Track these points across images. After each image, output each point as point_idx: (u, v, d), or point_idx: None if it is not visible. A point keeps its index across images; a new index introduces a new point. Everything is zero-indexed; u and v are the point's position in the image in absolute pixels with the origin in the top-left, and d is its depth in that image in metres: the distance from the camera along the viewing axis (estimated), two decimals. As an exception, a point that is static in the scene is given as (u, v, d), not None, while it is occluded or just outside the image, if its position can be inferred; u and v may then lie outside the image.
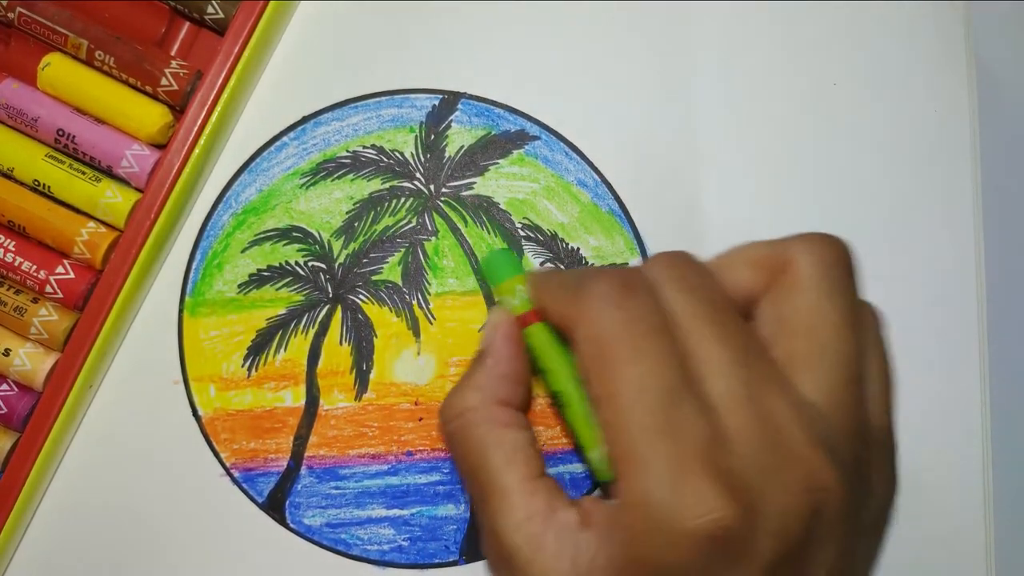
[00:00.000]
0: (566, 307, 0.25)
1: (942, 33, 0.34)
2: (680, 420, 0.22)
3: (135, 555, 0.30)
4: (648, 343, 0.23)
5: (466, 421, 0.26)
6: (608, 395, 0.23)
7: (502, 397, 0.27)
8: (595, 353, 0.24)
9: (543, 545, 0.24)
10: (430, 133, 0.33)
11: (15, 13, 0.31)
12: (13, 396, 0.30)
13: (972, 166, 0.33)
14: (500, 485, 0.25)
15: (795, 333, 0.25)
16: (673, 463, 0.22)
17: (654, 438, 0.22)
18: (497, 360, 0.27)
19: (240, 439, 0.31)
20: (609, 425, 0.23)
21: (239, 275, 0.32)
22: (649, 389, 0.23)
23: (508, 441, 0.26)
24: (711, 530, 0.22)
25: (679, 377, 0.23)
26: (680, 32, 0.33)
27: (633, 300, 0.24)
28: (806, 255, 0.25)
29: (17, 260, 0.30)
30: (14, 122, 0.31)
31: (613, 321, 0.24)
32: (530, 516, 0.25)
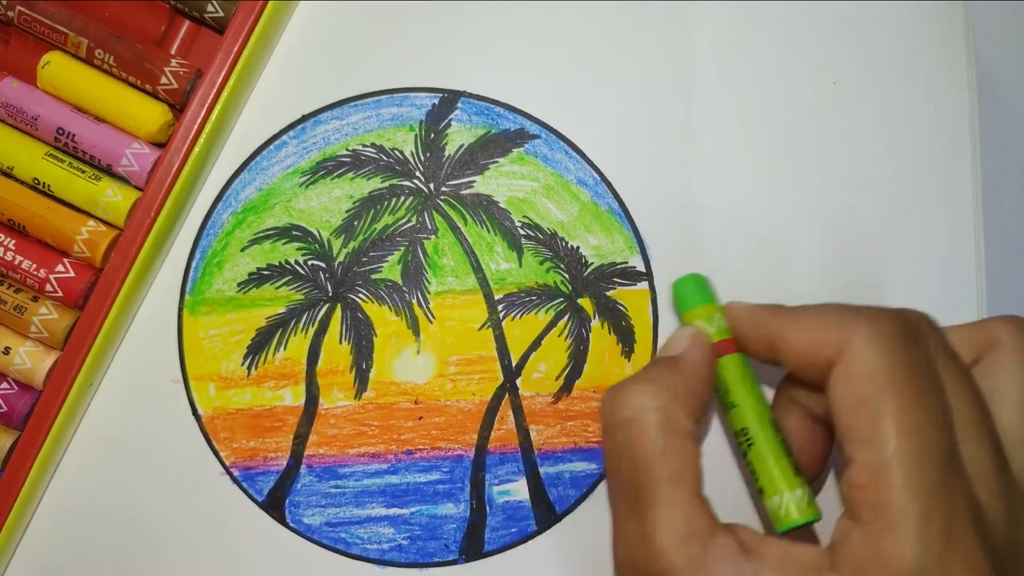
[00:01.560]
0: (829, 337, 0.24)
1: (942, 33, 0.34)
2: (953, 483, 0.22)
3: (134, 553, 0.31)
4: (929, 396, 0.23)
5: (644, 417, 0.25)
6: (879, 438, 0.23)
7: (689, 406, 0.26)
8: (870, 391, 0.23)
9: (704, 567, 0.24)
10: (430, 132, 0.33)
11: (15, 12, 0.31)
12: (13, 395, 0.30)
13: (972, 165, 0.33)
14: (666, 497, 0.25)
15: (1005, 407, 0.25)
16: (946, 526, 0.22)
17: (929, 496, 0.22)
18: (693, 371, 0.27)
19: (240, 438, 0.31)
20: (872, 469, 0.23)
21: (239, 274, 0.32)
22: (929, 444, 0.22)
23: (683, 453, 0.25)
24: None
25: (952, 440, 0.23)
26: (680, 31, 0.33)
27: (916, 347, 0.24)
28: (1012, 332, 0.26)
29: (17, 259, 0.30)
30: (14, 121, 0.31)
31: (897, 363, 0.23)
32: (692, 535, 0.24)
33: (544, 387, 0.32)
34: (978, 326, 0.26)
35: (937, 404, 0.23)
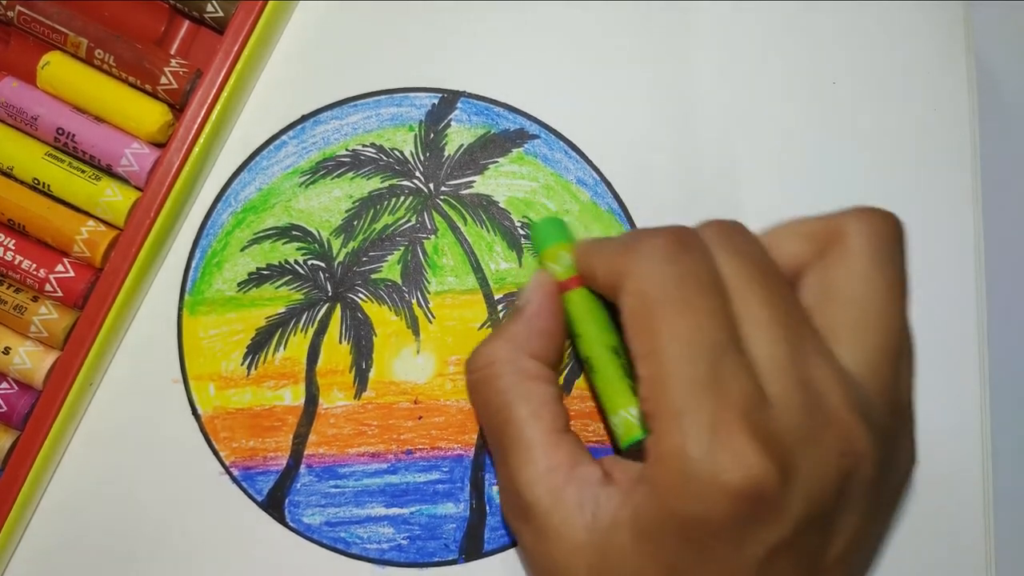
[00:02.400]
0: (616, 262, 0.25)
1: (942, 33, 0.34)
2: (724, 377, 0.23)
3: (134, 553, 0.31)
4: (699, 299, 0.24)
5: (495, 371, 0.27)
6: (653, 349, 0.24)
7: (534, 351, 0.27)
8: (643, 306, 0.24)
9: (564, 497, 0.25)
10: (429, 132, 0.33)
11: (15, 12, 0.31)
12: (13, 394, 0.30)
13: (972, 166, 0.33)
14: (524, 437, 0.26)
15: (841, 302, 0.25)
16: (714, 418, 0.23)
17: (697, 392, 0.23)
18: (534, 314, 0.28)
19: (239, 438, 0.32)
20: (650, 379, 0.24)
21: (238, 274, 0.32)
22: (696, 343, 0.23)
23: (536, 394, 0.26)
24: (746, 488, 0.22)
25: (726, 335, 0.24)
26: (680, 31, 0.34)
27: (687, 256, 0.24)
28: (859, 226, 0.26)
29: (17, 259, 0.31)
30: (14, 121, 0.31)
31: (665, 275, 0.24)
32: (552, 468, 0.25)
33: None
34: (826, 219, 0.26)
35: (708, 305, 0.24)
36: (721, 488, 0.22)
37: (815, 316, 0.25)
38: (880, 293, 0.25)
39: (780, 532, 0.23)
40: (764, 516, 0.23)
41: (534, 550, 0.26)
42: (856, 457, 0.24)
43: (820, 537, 0.24)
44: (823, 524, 0.24)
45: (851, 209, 0.27)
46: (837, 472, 0.23)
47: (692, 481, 0.22)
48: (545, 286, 0.28)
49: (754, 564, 0.23)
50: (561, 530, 0.25)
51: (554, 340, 0.28)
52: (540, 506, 0.25)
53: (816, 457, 0.23)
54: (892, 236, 0.26)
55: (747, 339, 0.24)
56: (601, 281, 0.27)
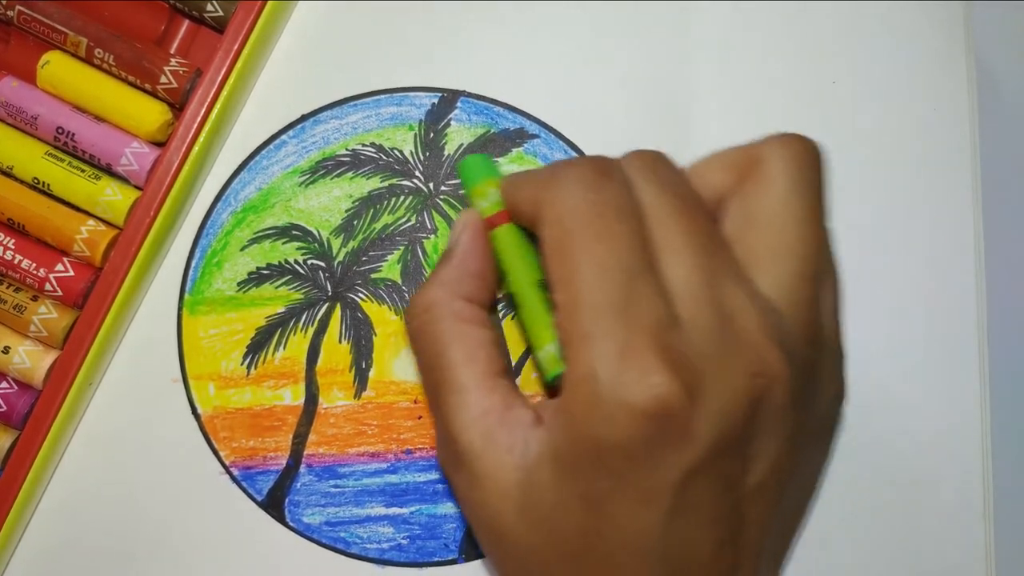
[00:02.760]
0: (537, 192, 0.25)
1: (942, 32, 0.34)
2: (634, 300, 0.23)
3: (134, 553, 0.31)
4: (615, 226, 0.24)
5: (429, 316, 0.27)
6: (568, 275, 0.24)
7: (467, 293, 0.27)
8: (560, 233, 0.24)
9: (496, 439, 0.25)
10: (429, 131, 0.33)
11: (14, 11, 0.31)
12: (13, 394, 0.31)
13: (972, 165, 0.33)
14: (458, 381, 0.26)
15: (759, 227, 0.25)
16: (621, 339, 0.23)
17: (606, 315, 0.23)
18: (463, 257, 0.28)
19: (239, 437, 0.32)
20: (564, 306, 0.24)
21: (238, 273, 0.32)
22: (609, 268, 0.23)
23: (471, 338, 0.26)
24: (652, 406, 0.22)
25: (640, 260, 0.24)
26: (679, 31, 0.34)
27: (606, 184, 0.25)
28: (777, 152, 0.26)
29: (17, 258, 0.31)
30: (14, 120, 0.31)
31: (582, 202, 0.24)
32: (485, 412, 0.25)
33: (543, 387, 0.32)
34: (746, 147, 0.26)
35: (624, 230, 0.24)
36: (628, 408, 0.22)
37: (736, 245, 0.25)
38: (798, 218, 0.25)
39: (693, 454, 0.23)
40: (674, 437, 0.22)
41: (467, 497, 0.26)
42: (768, 379, 0.23)
43: (736, 462, 0.24)
44: (738, 448, 0.23)
45: (770, 136, 0.26)
46: (747, 393, 0.23)
47: (601, 404, 0.22)
48: (473, 225, 0.28)
49: (669, 489, 0.23)
50: (492, 473, 0.25)
51: (486, 281, 0.28)
52: (472, 450, 0.25)
53: (726, 378, 0.23)
54: (810, 161, 0.26)
55: (663, 265, 0.24)
56: (523, 213, 0.26)
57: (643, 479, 0.23)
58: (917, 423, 0.32)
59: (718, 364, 0.23)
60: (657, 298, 0.23)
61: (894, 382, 0.33)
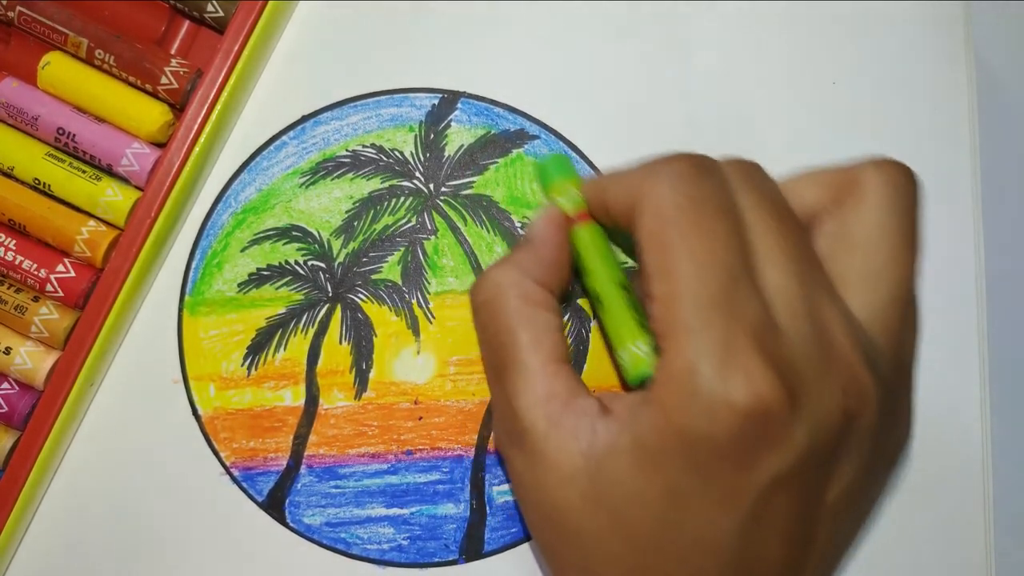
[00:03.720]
0: (634, 186, 0.26)
1: (942, 32, 0.35)
2: (738, 299, 0.23)
3: (135, 554, 0.32)
4: (716, 223, 0.24)
5: (500, 293, 0.27)
6: (668, 267, 0.24)
7: (540, 278, 0.28)
8: (661, 224, 0.24)
9: (561, 423, 0.25)
10: (429, 132, 0.34)
11: (15, 12, 0.32)
12: (14, 395, 0.31)
13: (972, 165, 0.34)
14: (524, 362, 0.26)
15: (854, 248, 0.26)
16: (726, 336, 0.23)
17: (710, 310, 0.23)
18: (542, 243, 0.28)
19: (240, 438, 0.32)
20: (664, 297, 0.24)
21: (239, 274, 0.33)
22: (711, 264, 0.23)
23: (540, 321, 0.27)
24: (754, 407, 0.22)
25: (741, 260, 0.24)
26: (680, 31, 0.34)
27: (707, 181, 0.25)
28: (876, 176, 0.26)
29: (18, 259, 0.31)
30: (14, 121, 0.32)
31: (685, 196, 0.24)
32: (551, 396, 0.25)
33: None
34: (844, 168, 0.27)
35: (725, 229, 0.24)
36: (729, 405, 0.22)
37: (828, 263, 0.26)
38: (893, 243, 0.26)
39: (783, 460, 0.23)
40: (770, 439, 0.23)
41: (526, 477, 0.26)
42: (860, 399, 0.24)
43: (821, 476, 0.24)
44: (825, 462, 0.24)
45: (869, 159, 0.27)
46: (842, 410, 0.23)
47: (701, 398, 0.23)
48: (553, 218, 0.29)
49: (755, 492, 0.23)
50: (556, 457, 0.25)
51: (560, 271, 0.28)
52: (536, 432, 0.25)
53: (824, 390, 0.23)
54: (908, 188, 0.27)
55: (760, 270, 0.24)
56: (616, 208, 0.27)
57: (731, 479, 0.23)
58: (917, 424, 0.33)
59: (816, 374, 0.23)
60: (757, 299, 0.24)
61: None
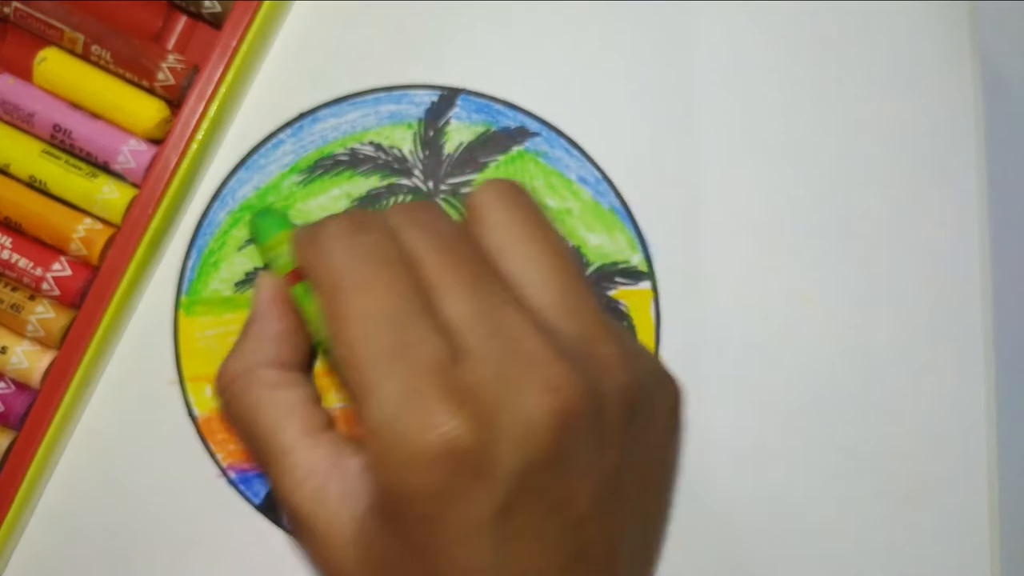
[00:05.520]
0: (303, 255, 0.27)
1: (947, 31, 0.35)
2: (409, 343, 0.24)
3: (131, 555, 0.32)
4: (377, 274, 0.25)
5: (236, 389, 0.28)
6: (338, 332, 0.25)
7: (270, 359, 0.28)
8: (327, 291, 0.26)
9: (326, 497, 0.26)
10: (429, 129, 0.35)
11: (10, 7, 0.33)
12: (10, 394, 0.32)
13: (977, 164, 0.34)
14: (278, 445, 0.27)
15: (503, 257, 0.27)
16: (400, 384, 0.24)
17: (385, 363, 0.24)
18: (261, 323, 0.29)
19: (236, 440, 0.33)
20: (343, 363, 0.25)
21: (235, 273, 0.34)
22: (377, 317, 0.24)
23: (281, 401, 0.27)
24: (442, 445, 0.23)
25: (410, 304, 0.25)
26: (682, 29, 0.35)
27: (364, 236, 0.26)
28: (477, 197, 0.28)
29: (13, 257, 0.32)
30: (10, 117, 0.32)
31: (343, 257, 0.26)
32: (312, 471, 0.26)
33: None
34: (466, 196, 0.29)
35: (388, 277, 0.25)
36: (418, 452, 0.23)
37: None
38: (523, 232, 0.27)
39: (500, 486, 0.23)
40: (474, 470, 0.23)
41: (315, 560, 0.27)
42: (562, 392, 0.24)
43: (555, 482, 0.24)
44: (553, 468, 0.24)
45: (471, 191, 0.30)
46: (546, 411, 0.24)
47: (393, 451, 0.23)
48: (267, 287, 0.30)
49: (486, 525, 0.23)
50: (328, 530, 0.25)
51: (292, 340, 0.29)
52: (303, 510, 0.26)
53: (520, 401, 0.24)
54: (509, 186, 0.29)
55: (439, 304, 0.25)
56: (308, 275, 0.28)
57: (457, 519, 0.23)
58: (921, 424, 0.33)
59: (509, 389, 0.24)
60: (435, 337, 0.24)
61: (897, 382, 0.34)
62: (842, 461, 0.33)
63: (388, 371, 0.24)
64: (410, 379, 0.24)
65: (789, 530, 0.33)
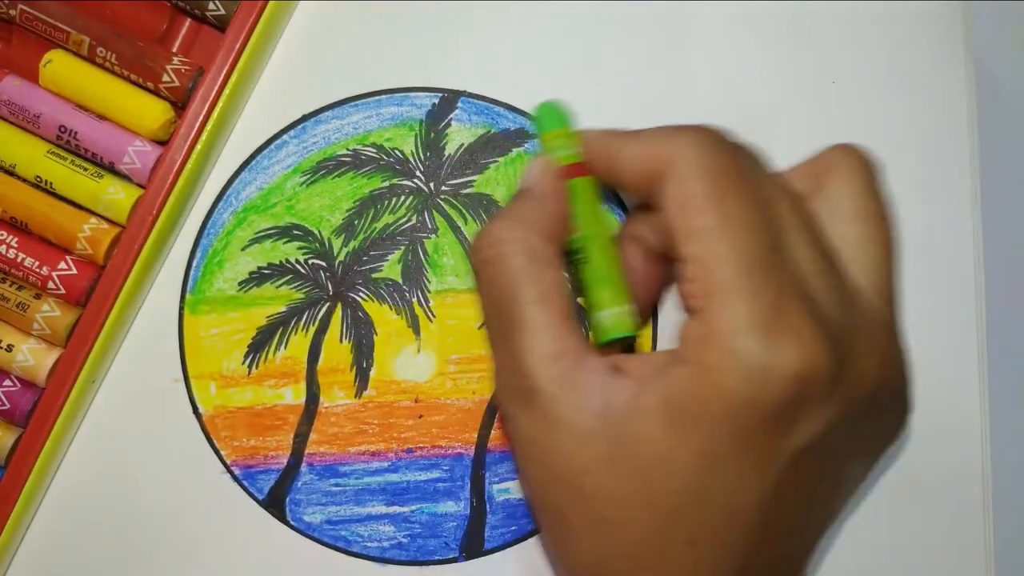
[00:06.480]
0: (658, 148, 0.27)
1: (941, 32, 0.36)
2: (780, 263, 0.24)
3: (136, 552, 0.33)
4: (752, 191, 0.25)
5: (505, 250, 0.27)
6: (708, 228, 0.24)
7: (545, 232, 0.28)
8: (697, 187, 0.25)
9: (574, 382, 0.25)
10: (430, 131, 0.35)
11: (17, 10, 0.33)
12: (16, 392, 0.32)
13: (971, 165, 0.35)
14: (532, 319, 0.26)
15: (845, 220, 0.27)
16: (772, 298, 0.23)
17: (757, 272, 0.24)
18: (544, 195, 0.29)
19: (240, 436, 0.34)
20: (703, 258, 0.24)
21: (239, 273, 0.34)
22: (755, 228, 0.24)
23: (547, 278, 0.27)
24: (805, 371, 0.23)
25: (775, 228, 0.25)
26: (680, 31, 0.36)
27: (736, 153, 0.26)
28: (846, 157, 0.29)
29: (20, 256, 0.32)
30: (16, 119, 0.33)
31: (721, 161, 0.25)
32: (561, 354, 0.26)
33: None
34: (814, 158, 0.29)
35: (760, 198, 0.25)
36: (780, 370, 0.23)
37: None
38: (877, 211, 0.28)
39: (818, 425, 0.24)
40: (812, 405, 0.23)
41: (535, 438, 0.26)
42: (890, 365, 0.25)
43: (844, 443, 0.25)
44: (851, 430, 0.24)
45: (832, 147, 0.29)
46: (875, 376, 0.24)
47: (748, 359, 0.23)
48: (548, 169, 0.29)
49: (786, 457, 0.24)
50: (569, 417, 0.25)
51: (563, 224, 0.29)
52: (547, 391, 0.25)
53: (859, 357, 0.24)
54: (871, 162, 0.29)
55: (788, 242, 0.25)
56: (633, 169, 0.27)
57: (768, 442, 0.23)
58: (917, 422, 0.34)
59: (852, 341, 0.24)
60: (795, 271, 0.25)
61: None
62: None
63: (759, 280, 0.24)
64: (779, 296, 0.23)
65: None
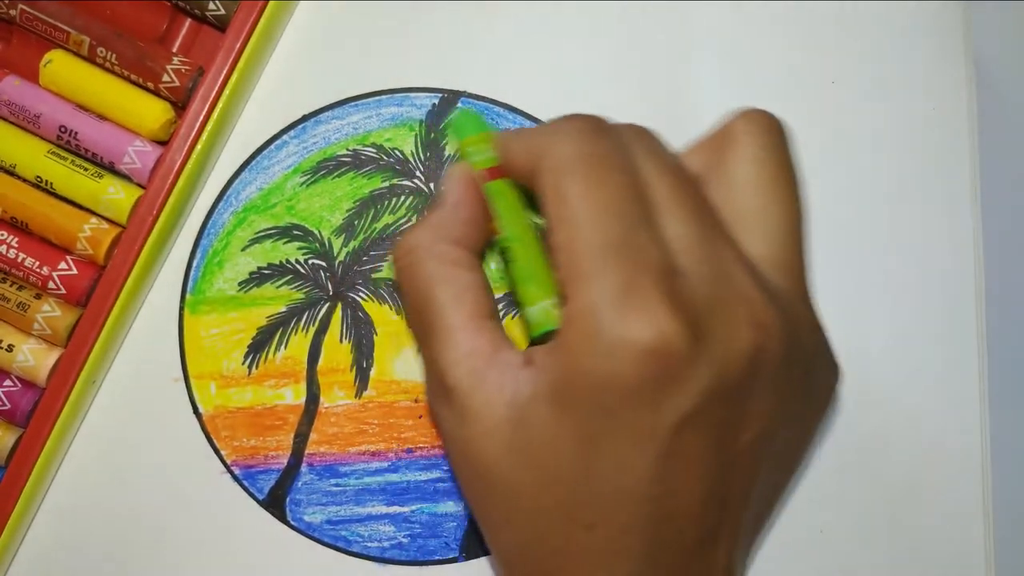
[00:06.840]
0: (535, 143, 0.28)
1: (941, 32, 0.36)
2: (637, 243, 0.25)
3: (136, 552, 0.33)
4: (613, 175, 0.26)
5: (416, 257, 0.28)
6: (566, 216, 0.26)
7: (455, 237, 0.29)
8: (558, 178, 0.26)
9: (485, 379, 0.26)
10: (430, 131, 0.35)
11: (17, 10, 0.33)
12: (16, 392, 0.32)
13: (971, 165, 0.35)
14: (445, 321, 0.27)
15: (741, 190, 0.28)
16: (625, 278, 0.24)
17: (609, 253, 0.25)
18: (454, 202, 0.29)
19: (240, 436, 0.34)
20: (565, 243, 0.25)
21: (240, 273, 0.34)
22: (609, 211, 0.25)
23: (458, 279, 0.28)
24: (656, 345, 0.24)
25: (639, 210, 0.26)
26: (680, 31, 0.36)
27: (604, 139, 0.27)
28: (744, 124, 0.29)
29: (20, 256, 0.33)
30: (16, 119, 0.33)
31: (582, 151, 0.26)
32: (473, 352, 0.27)
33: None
34: (717, 129, 0.29)
35: (622, 181, 0.26)
36: (631, 345, 0.24)
37: (721, 210, 0.28)
38: (775, 177, 0.28)
39: (691, 398, 0.24)
40: (674, 379, 0.24)
41: (454, 434, 0.27)
42: (764, 329, 0.25)
43: (732, 415, 0.25)
44: (735, 400, 0.25)
45: (736, 114, 0.29)
46: (749, 343, 0.25)
47: (603, 338, 0.24)
48: (464, 176, 0.30)
49: (665, 431, 0.24)
50: (480, 411, 0.26)
51: (477, 228, 0.30)
52: (461, 388, 0.27)
53: (727, 326, 0.25)
54: (775, 128, 0.29)
55: (658, 221, 0.26)
56: (519, 164, 0.28)
57: (639, 419, 0.24)
58: (917, 424, 0.34)
59: (719, 312, 0.25)
60: (657, 245, 0.25)
61: (893, 383, 0.34)
62: (838, 461, 0.34)
63: (612, 262, 0.25)
64: (633, 274, 0.24)
65: (786, 529, 0.34)
